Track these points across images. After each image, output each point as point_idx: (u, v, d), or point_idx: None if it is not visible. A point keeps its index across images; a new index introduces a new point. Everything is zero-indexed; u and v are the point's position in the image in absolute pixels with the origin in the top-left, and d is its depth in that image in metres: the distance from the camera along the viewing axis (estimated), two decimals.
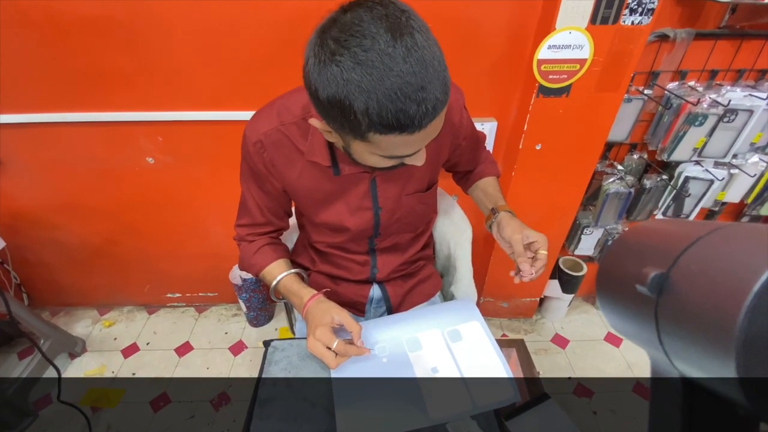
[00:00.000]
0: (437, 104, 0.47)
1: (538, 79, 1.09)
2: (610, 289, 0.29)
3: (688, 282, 0.22)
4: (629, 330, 0.28)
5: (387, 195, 0.77)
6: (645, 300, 0.24)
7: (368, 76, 0.43)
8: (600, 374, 1.62)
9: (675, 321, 0.23)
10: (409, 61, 0.43)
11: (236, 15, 1.08)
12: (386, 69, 0.43)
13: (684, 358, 0.23)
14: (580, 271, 1.64)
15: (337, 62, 0.44)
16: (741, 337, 0.18)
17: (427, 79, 0.44)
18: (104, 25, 1.09)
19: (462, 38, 1.12)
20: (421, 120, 0.46)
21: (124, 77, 1.18)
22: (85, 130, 1.29)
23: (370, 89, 0.43)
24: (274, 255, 0.83)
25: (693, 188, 1.35)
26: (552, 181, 1.34)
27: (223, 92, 1.22)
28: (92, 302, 1.89)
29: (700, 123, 1.18)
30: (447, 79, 0.48)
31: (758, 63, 1.18)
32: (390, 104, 0.44)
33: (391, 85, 0.43)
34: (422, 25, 0.46)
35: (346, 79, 0.44)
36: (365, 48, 0.43)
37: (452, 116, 0.75)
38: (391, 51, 0.43)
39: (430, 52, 0.45)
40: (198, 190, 1.46)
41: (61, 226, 1.57)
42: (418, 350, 0.75)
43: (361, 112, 0.45)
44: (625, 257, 0.29)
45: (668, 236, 0.26)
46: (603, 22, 1.00)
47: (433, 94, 0.45)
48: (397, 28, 0.43)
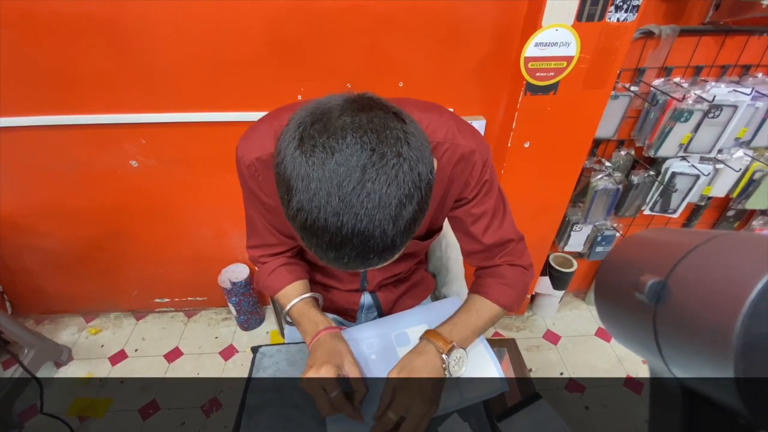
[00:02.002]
0: (369, 262, 0.43)
1: (525, 77, 1.09)
2: (609, 298, 0.29)
3: (685, 290, 0.22)
4: (628, 339, 0.28)
5: None
6: (643, 308, 0.24)
7: (311, 192, 0.40)
8: (591, 369, 1.63)
9: (673, 329, 0.23)
10: (360, 204, 0.39)
11: (220, 13, 1.06)
12: (330, 193, 0.39)
13: (683, 366, 0.23)
14: (570, 267, 1.65)
15: (297, 154, 0.41)
16: (738, 344, 0.18)
17: (368, 234, 0.40)
18: (83, 25, 1.06)
19: (449, 37, 1.12)
20: (338, 265, 0.43)
21: (104, 78, 1.15)
22: (66, 133, 1.26)
23: (305, 204, 0.40)
24: (289, 277, 0.77)
25: (679, 183, 1.36)
26: (541, 178, 1.34)
27: (206, 93, 1.19)
28: (78, 309, 1.85)
29: (685, 119, 1.19)
30: (398, 243, 0.43)
31: (742, 58, 1.19)
32: (314, 230, 0.41)
33: (324, 215, 0.40)
34: (413, 179, 0.41)
35: (296, 172, 0.41)
36: (324, 163, 0.39)
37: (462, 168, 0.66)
38: (348, 183, 0.39)
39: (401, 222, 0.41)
40: (184, 192, 1.43)
41: (44, 231, 1.53)
42: (406, 345, 0.75)
43: (291, 211, 0.42)
44: (623, 267, 0.29)
45: (665, 245, 0.27)
46: (589, 20, 1.00)
47: (367, 252, 0.42)
48: (373, 170, 0.39)
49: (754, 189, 1.37)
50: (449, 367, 0.65)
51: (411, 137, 0.42)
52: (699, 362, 0.21)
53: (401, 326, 0.80)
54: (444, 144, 0.63)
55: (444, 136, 0.63)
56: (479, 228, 0.71)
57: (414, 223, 0.43)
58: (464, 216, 0.71)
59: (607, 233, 1.54)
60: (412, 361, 0.65)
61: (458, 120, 0.66)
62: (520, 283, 0.74)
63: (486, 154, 0.66)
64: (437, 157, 0.63)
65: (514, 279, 0.74)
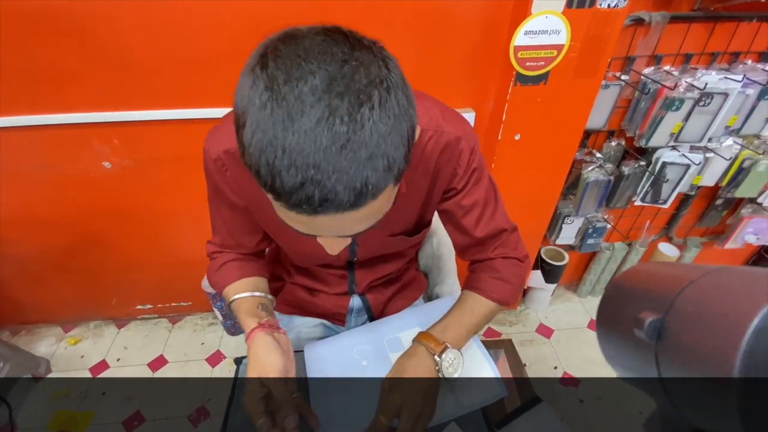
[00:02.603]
0: (334, 200, 0.35)
1: (515, 67, 1.06)
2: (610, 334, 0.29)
3: (683, 326, 0.22)
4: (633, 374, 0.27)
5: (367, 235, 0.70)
6: (645, 345, 0.24)
7: (268, 110, 0.33)
8: (585, 362, 1.63)
9: (675, 365, 0.22)
10: (323, 129, 0.32)
11: (192, 5, 0.99)
12: (290, 117, 0.33)
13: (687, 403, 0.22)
14: (562, 260, 1.63)
15: (256, 75, 0.35)
16: (740, 378, 0.18)
17: (332, 161, 0.33)
18: (46, 19, 0.98)
19: (437, 27, 1.07)
20: (299, 202, 0.35)
21: (71, 75, 1.08)
22: (31, 134, 1.18)
23: (260, 124, 0.34)
24: (237, 273, 0.70)
25: (670, 173, 1.35)
26: (532, 171, 1.31)
27: (181, 88, 1.13)
28: (55, 319, 1.77)
29: (676, 108, 1.17)
30: (373, 182, 0.35)
31: (731, 45, 1.18)
32: (270, 156, 0.34)
33: (283, 137, 0.33)
34: (392, 106, 0.35)
35: (250, 96, 0.35)
36: (289, 80, 0.33)
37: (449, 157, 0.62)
38: (311, 102, 0.33)
39: (370, 139, 0.33)
40: (162, 194, 1.37)
41: (15, 240, 1.45)
42: (399, 350, 0.71)
43: (245, 141, 0.35)
44: (621, 302, 0.29)
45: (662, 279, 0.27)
46: (579, 6, 0.97)
47: (332, 185, 0.34)
48: (341, 83, 0.33)
49: (744, 177, 1.37)
50: (442, 368, 0.62)
51: (390, 63, 0.37)
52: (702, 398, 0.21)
53: (393, 330, 0.76)
54: (428, 131, 0.59)
55: (428, 123, 0.58)
56: (470, 220, 0.68)
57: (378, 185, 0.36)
58: (454, 208, 0.67)
59: (598, 225, 1.53)
60: (403, 364, 0.62)
61: (443, 106, 0.62)
62: (515, 276, 0.71)
63: (473, 141, 0.62)
64: (421, 146, 0.59)
65: (509, 272, 0.70)
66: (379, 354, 0.72)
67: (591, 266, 1.79)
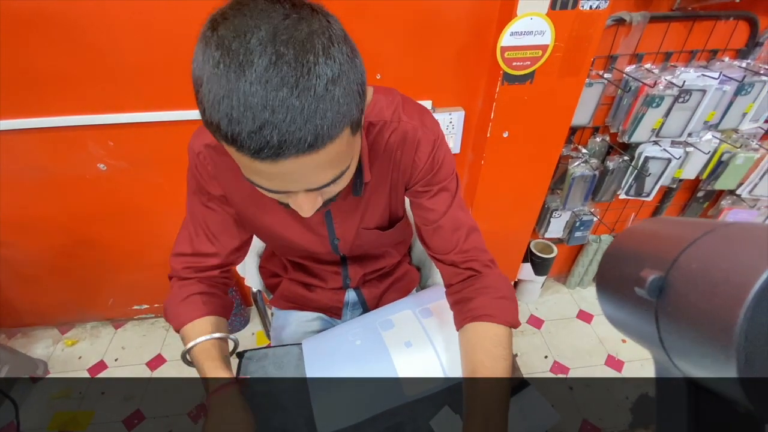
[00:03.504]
0: (292, 141, 0.36)
1: (502, 67, 1.09)
2: (610, 292, 0.29)
3: (686, 284, 0.22)
4: (631, 331, 0.27)
5: (344, 228, 0.70)
6: (645, 302, 0.24)
7: (221, 67, 0.35)
8: (574, 351, 1.68)
9: (675, 322, 0.23)
10: (272, 73, 0.34)
11: (186, 7, 1.01)
12: (241, 67, 0.35)
13: (685, 359, 0.23)
14: (551, 253, 1.68)
15: (206, 39, 0.37)
16: (741, 336, 0.18)
17: (285, 104, 0.35)
18: (40, 22, 0.99)
19: (425, 28, 1.10)
20: (259, 146, 0.36)
21: (65, 78, 1.09)
22: (26, 137, 1.19)
23: (215, 81, 0.36)
24: (203, 309, 0.65)
25: (652, 167, 1.40)
26: (520, 167, 1.35)
27: (176, 90, 1.14)
28: (52, 321, 1.77)
29: (657, 104, 1.21)
30: (328, 123, 0.37)
31: (709, 43, 1.22)
32: (227, 108, 0.36)
33: (237, 86, 0.35)
34: (335, 54, 0.37)
35: (204, 60, 0.37)
36: (237, 35, 0.35)
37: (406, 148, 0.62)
38: (259, 51, 0.35)
39: (318, 82, 0.35)
40: (157, 195, 1.38)
41: (10, 243, 1.45)
42: (390, 329, 0.75)
43: (205, 103, 0.37)
44: (623, 260, 0.29)
45: (665, 238, 0.26)
46: (563, 7, 1.00)
47: (288, 125, 0.35)
48: (285, 33, 0.35)
49: (723, 170, 1.42)
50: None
51: (332, 19, 0.40)
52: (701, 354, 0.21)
53: (386, 314, 0.80)
54: (391, 123, 0.60)
55: (391, 116, 0.60)
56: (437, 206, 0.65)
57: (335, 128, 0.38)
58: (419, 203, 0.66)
59: (585, 218, 1.57)
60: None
61: (406, 100, 0.63)
62: (509, 288, 0.66)
63: (433, 133, 0.61)
64: (384, 139, 0.61)
65: (503, 286, 0.65)
66: (371, 333, 0.75)
67: (579, 258, 1.85)
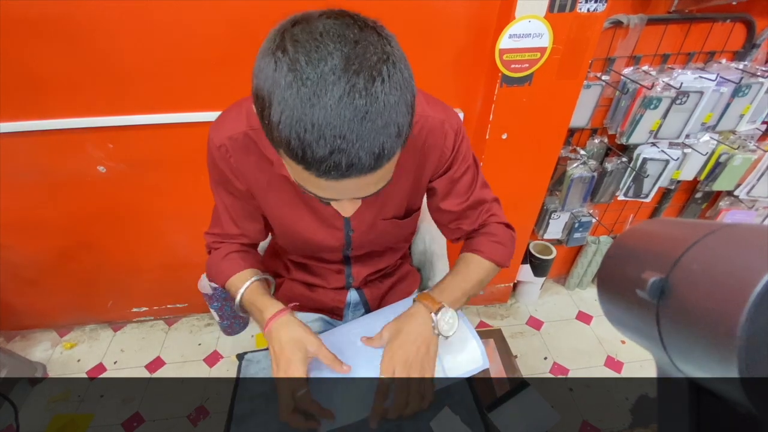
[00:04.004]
0: (357, 165, 0.40)
1: (501, 69, 1.10)
2: (611, 293, 0.29)
3: (688, 285, 0.22)
4: (632, 333, 0.27)
5: (361, 218, 0.72)
6: (646, 304, 0.24)
7: (294, 90, 0.38)
8: (574, 352, 1.68)
9: (676, 324, 0.22)
10: (345, 103, 0.37)
11: (186, 11, 1.01)
12: (316, 94, 0.37)
13: (687, 360, 0.23)
14: (550, 254, 1.68)
15: (276, 58, 0.39)
16: (743, 338, 0.18)
17: (355, 132, 0.38)
18: (39, 26, 1.00)
19: (425, 30, 1.11)
20: (328, 169, 0.40)
21: (65, 81, 1.09)
22: (26, 140, 1.19)
23: (288, 102, 0.38)
24: (243, 264, 0.74)
25: (651, 169, 1.40)
26: (519, 169, 1.35)
27: (175, 93, 1.15)
28: (50, 323, 1.77)
29: (654, 106, 1.22)
30: (389, 147, 0.41)
31: (706, 45, 1.23)
32: (300, 131, 0.38)
33: (311, 113, 0.37)
34: (398, 79, 0.40)
35: (274, 78, 0.39)
36: (310, 61, 0.38)
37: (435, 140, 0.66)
38: (333, 80, 0.37)
39: (384, 109, 0.39)
40: (157, 197, 1.38)
41: (9, 245, 1.45)
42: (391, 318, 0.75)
43: (274, 120, 0.40)
44: (624, 261, 0.28)
45: (666, 239, 0.26)
46: (560, 10, 1.01)
47: (357, 151, 0.39)
48: (356, 62, 0.38)
49: (720, 171, 1.43)
50: (438, 326, 0.65)
51: (392, 40, 0.42)
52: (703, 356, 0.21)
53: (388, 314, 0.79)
54: (418, 119, 0.64)
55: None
56: (458, 192, 0.72)
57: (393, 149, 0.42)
58: (441, 184, 0.72)
59: (584, 220, 1.58)
60: (401, 320, 0.66)
61: (426, 95, 0.67)
62: (509, 240, 0.77)
63: (456, 123, 0.66)
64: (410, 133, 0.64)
65: (505, 236, 0.76)
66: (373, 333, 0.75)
67: (578, 259, 1.85)
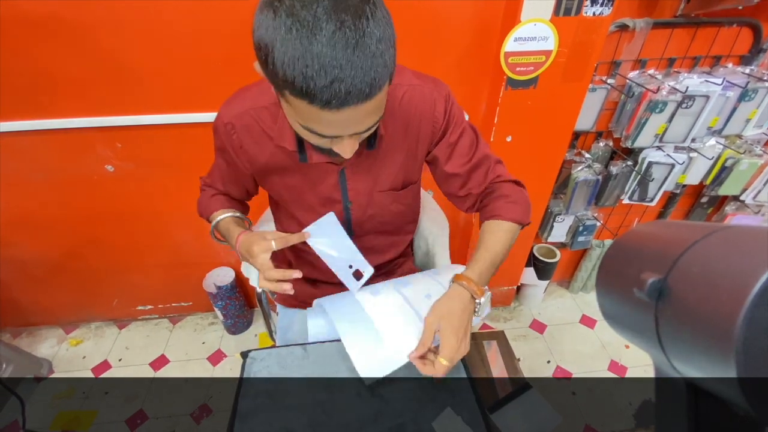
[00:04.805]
0: (354, 92, 0.45)
1: (506, 72, 1.10)
2: (610, 294, 0.29)
3: (686, 286, 0.22)
4: (630, 333, 0.28)
5: (357, 189, 0.76)
6: (644, 305, 0.24)
7: (294, 32, 0.43)
8: (577, 356, 1.68)
9: (674, 324, 0.23)
10: (338, 37, 0.42)
11: (194, 11, 1.03)
12: (312, 32, 0.42)
13: (685, 361, 0.23)
14: (554, 257, 1.68)
15: (275, 8, 0.44)
16: (740, 338, 0.18)
17: (350, 62, 0.43)
18: (50, 27, 1.01)
19: (430, 33, 1.12)
20: (330, 98, 0.45)
21: (75, 81, 1.11)
22: (36, 138, 1.21)
23: (289, 44, 0.43)
24: (226, 204, 0.85)
25: (656, 172, 1.40)
26: (523, 172, 1.34)
27: (183, 94, 1.16)
28: (57, 321, 1.79)
29: (660, 110, 1.22)
30: (379, 75, 0.46)
31: (712, 49, 1.23)
32: (302, 66, 0.43)
33: (310, 49, 0.43)
34: (380, 17, 0.45)
35: (275, 26, 0.43)
36: (304, 5, 0.43)
37: (424, 108, 0.70)
38: (325, 19, 0.42)
39: (371, 41, 0.44)
40: (163, 196, 1.40)
41: (17, 242, 1.47)
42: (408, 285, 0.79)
43: (278, 63, 0.45)
44: (623, 262, 0.29)
45: (665, 240, 0.26)
46: (566, 14, 1.01)
47: (352, 79, 0.44)
48: (342, 3, 0.43)
49: (726, 176, 1.42)
50: (480, 309, 0.68)
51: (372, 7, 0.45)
52: (701, 356, 0.21)
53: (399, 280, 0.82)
54: (402, 86, 0.68)
55: (401, 79, 0.68)
56: (460, 153, 0.75)
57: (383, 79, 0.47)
58: (442, 149, 0.75)
59: (588, 223, 1.58)
60: (451, 304, 0.66)
61: (415, 71, 0.71)
62: (523, 197, 0.77)
63: (445, 90, 0.71)
64: (397, 99, 0.68)
65: (517, 194, 0.76)
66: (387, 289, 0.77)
67: (582, 263, 1.85)
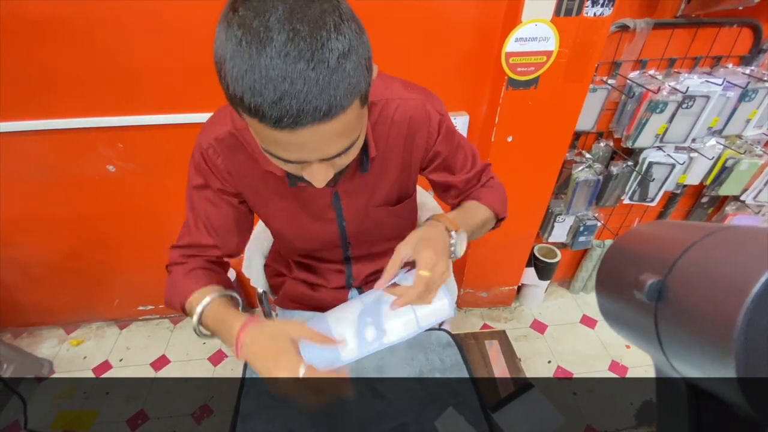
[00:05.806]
0: (308, 109, 0.40)
1: (507, 72, 1.10)
2: (609, 295, 0.29)
3: (685, 287, 0.22)
4: (630, 335, 0.28)
5: (352, 208, 0.73)
6: (644, 305, 0.24)
7: (243, 44, 0.39)
8: (578, 356, 1.68)
9: (674, 325, 0.23)
10: (290, 48, 0.38)
11: (194, 11, 1.03)
12: (262, 43, 0.38)
13: (685, 361, 0.23)
14: (555, 257, 1.68)
15: (228, 19, 0.40)
16: (740, 339, 0.18)
17: (302, 75, 0.38)
18: (52, 27, 1.02)
19: (431, 34, 1.12)
20: (280, 116, 0.40)
21: (77, 81, 1.11)
22: (37, 138, 1.21)
23: (238, 57, 0.39)
24: (206, 280, 0.67)
25: (656, 173, 1.40)
26: (524, 172, 1.36)
27: (185, 94, 1.16)
28: (57, 321, 1.79)
29: (660, 110, 1.22)
30: (340, 93, 0.40)
31: (713, 50, 1.23)
32: (251, 81, 0.39)
33: (258, 61, 0.38)
34: (345, 31, 0.40)
35: (227, 38, 0.40)
36: (257, 15, 0.39)
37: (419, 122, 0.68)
38: (278, 28, 0.38)
39: (330, 55, 0.39)
40: (164, 196, 1.40)
41: (18, 242, 1.47)
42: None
43: (229, 79, 0.40)
44: (623, 263, 0.29)
45: (664, 241, 0.26)
46: (567, 14, 1.01)
47: (305, 95, 0.39)
48: (300, 11, 0.38)
49: (727, 176, 1.42)
50: (456, 244, 0.64)
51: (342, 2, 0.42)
52: (701, 357, 0.21)
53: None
54: (393, 100, 0.65)
55: (391, 94, 0.65)
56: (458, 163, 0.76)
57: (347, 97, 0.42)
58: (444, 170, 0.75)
59: (589, 223, 1.58)
60: (427, 231, 0.62)
61: (404, 80, 0.69)
62: (502, 193, 0.82)
63: (438, 103, 0.69)
64: (389, 115, 0.66)
65: (500, 189, 0.81)
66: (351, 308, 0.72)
67: (583, 263, 1.85)
